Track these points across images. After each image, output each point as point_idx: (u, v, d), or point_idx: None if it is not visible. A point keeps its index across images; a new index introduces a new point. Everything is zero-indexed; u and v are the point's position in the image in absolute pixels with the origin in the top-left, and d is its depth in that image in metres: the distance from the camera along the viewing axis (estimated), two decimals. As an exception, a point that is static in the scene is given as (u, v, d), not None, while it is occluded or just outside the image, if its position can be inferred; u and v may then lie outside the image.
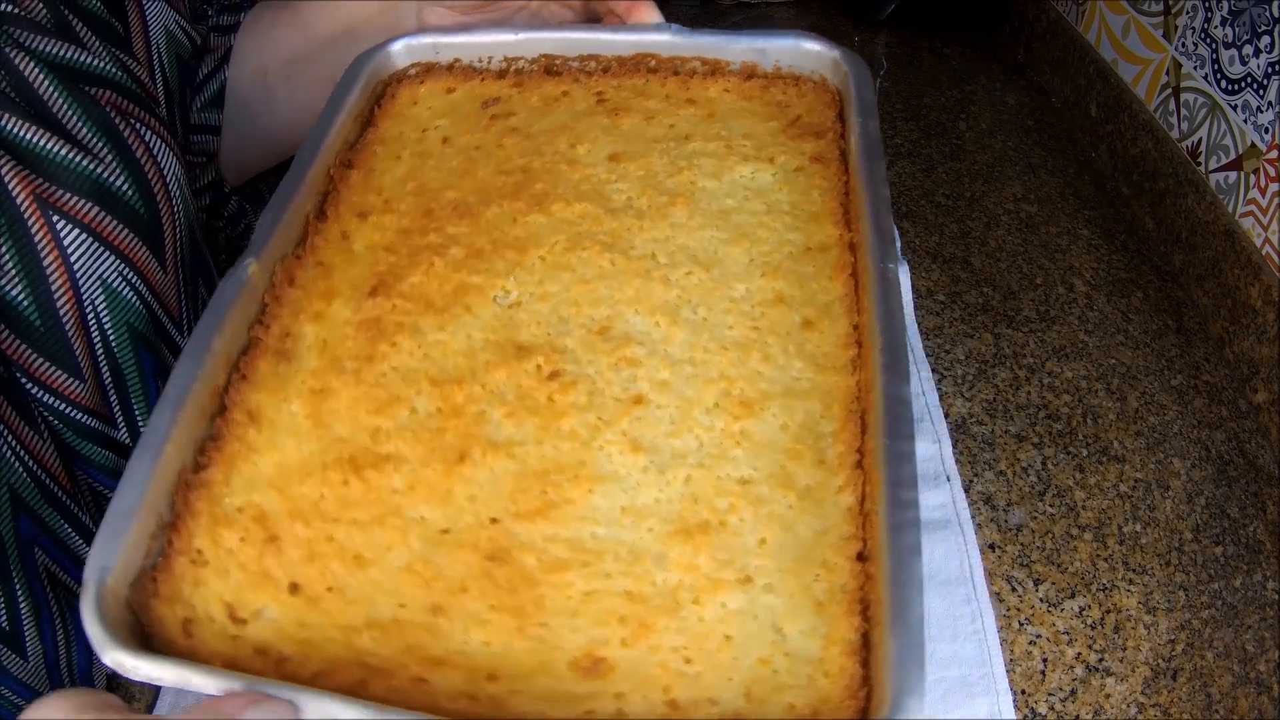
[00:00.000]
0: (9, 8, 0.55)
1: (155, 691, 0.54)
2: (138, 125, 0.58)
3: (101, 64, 0.58)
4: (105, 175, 0.54)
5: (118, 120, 0.57)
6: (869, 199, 0.45)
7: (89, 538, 0.57)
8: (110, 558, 0.36)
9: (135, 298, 0.56)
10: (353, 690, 0.32)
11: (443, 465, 0.40)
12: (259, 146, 0.77)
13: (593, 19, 0.66)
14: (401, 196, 0.51)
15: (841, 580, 0.34)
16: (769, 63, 0.57)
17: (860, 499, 0.36)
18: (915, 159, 1.03)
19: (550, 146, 0.53)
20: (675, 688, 0.33)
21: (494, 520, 0.38)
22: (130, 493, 0.37)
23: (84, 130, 0.54)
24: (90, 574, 0.36)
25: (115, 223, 0.55)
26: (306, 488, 0.40)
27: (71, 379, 0.54)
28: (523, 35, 0.58)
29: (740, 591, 0.35)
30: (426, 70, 0.59)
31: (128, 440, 0.58)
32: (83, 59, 0.57)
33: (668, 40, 0.57)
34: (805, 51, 0.56)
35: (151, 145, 0.59)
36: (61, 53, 0.56)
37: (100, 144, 0.55)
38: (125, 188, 0.55)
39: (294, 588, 0.37)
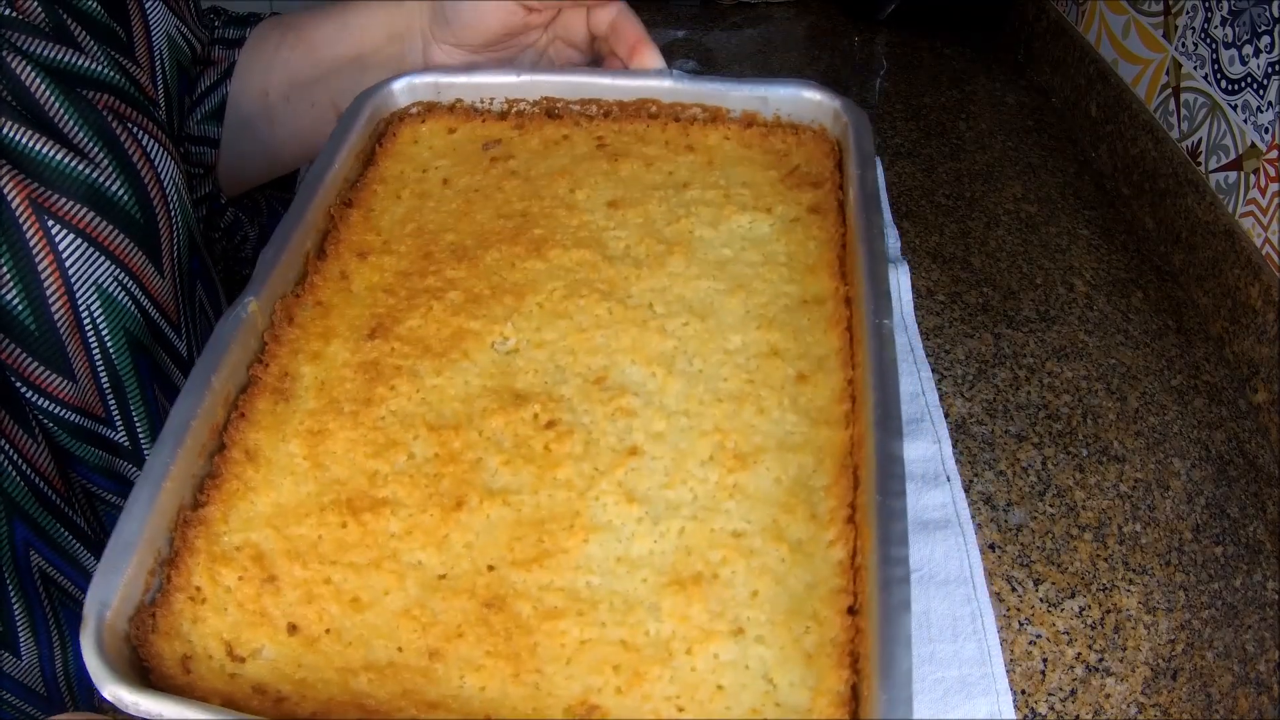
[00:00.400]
0: (6, 11, 0.53)
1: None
2: (135, 130, 0.56)
3: (99, 67, 0.56)
4: (101, 180, 0.53)
5: (115, 124, 0.55)
6: (865, 252, 0.45)
7: (85, 540, 0.55)
8: (109, 592, 0.36)
9: (131, 303, 0.54)
10: None
11: (440, 511, 0.40)
12: (257, 161, 0.75)
13: (597, 62, 0.64)
14: (401, 237, 0.51)
15: (831, 633, 0.35)
16: (769, 111, 0.56)
17: (851, 553, 0.37)
18: (915, 159, 1.00)
19: (549, 191, 0.53)
20: None
21: (490, 567, 0.38)
22: (129, 528, 0.38)
23: (80, 135, 0.53)
24: (90, 608, 0.36)
25: (111, 228, 0.53)
26: (304, 528, 0.40)
27: (65, 382, 0.52)
28: (524, 77, 0.57)
29: (732, 642, 0.35)
30: (428, 109, 0.58)
31: (125, 442, 0.56)
32: (80, 63, 0.55)
33: (669, 86, 0.56)
34: (805, 100, 0.55)
35: (149, 150, 0.57)
36: (58, 56, 0.54)
37: (96, 149, 0.53)
38: (121, 193, 0.54)
39: (292, 628, 0.37)
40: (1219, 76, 0.83)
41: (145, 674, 0.36)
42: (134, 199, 0.54)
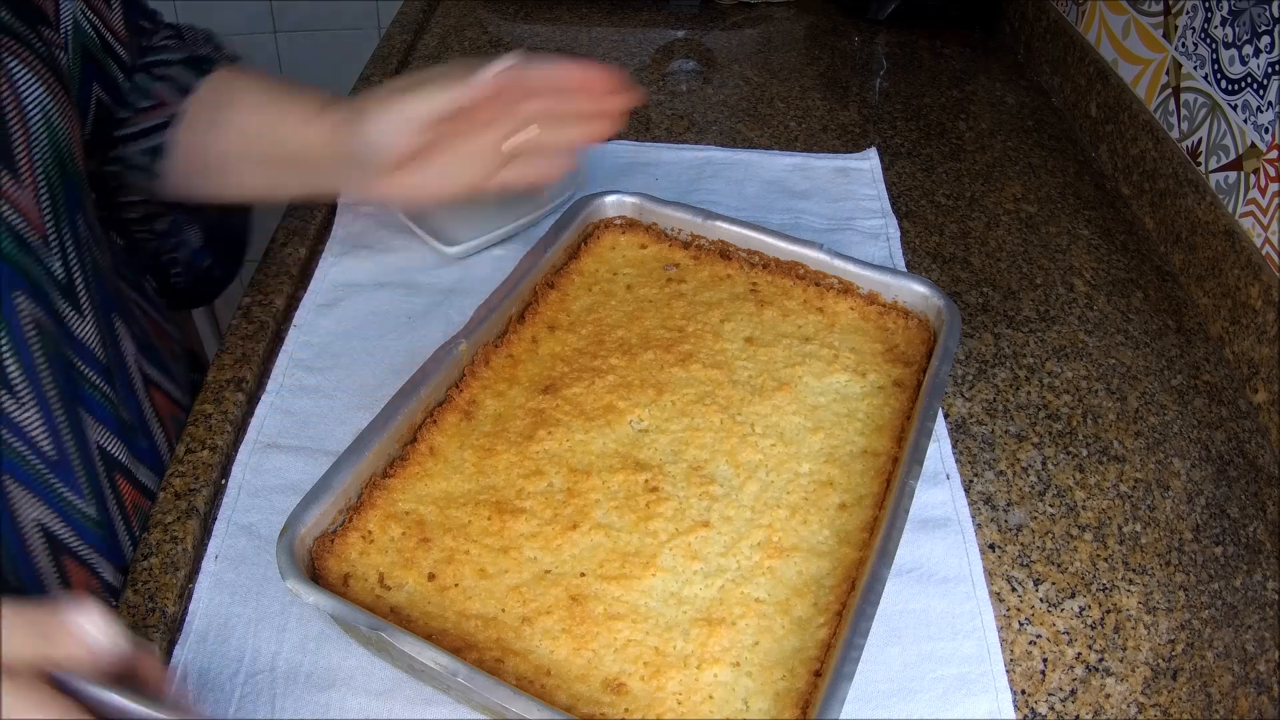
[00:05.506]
0: None
1: (169, 646, 0.42)
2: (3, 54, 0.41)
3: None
4: None
5: None
6: (917, 428, 0.44)
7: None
8: (307, 517, 0.41)
9: None
10: (451, 653, 0.37)
11: (559, 527, 0.43)
12: (203, 192, 0.59)
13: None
14: (584, 323, 0.55)
15: (798, 685, 0.37)
16: (890, 295, 0.54)
17: (831, 635, 0.37)
18: (915, 159, 0.73)
19: (705, 317, 0.54)
20: (666, 717, 0.37)
21: (582, 574, 0.41)
22: (335, 477, 0.42)
23: None
24: (289, 524, 0.39)
25: None
26: (460, 513, 0.44)
27: None
28: (708, 221, 0.58)
29: (730, 670, 0.36)
30: (630, 224, 0.60)
31: None
32: None
33: (817, 256, 0.55)
34: (918, 294, 0.53)
35: (13, 72, 0.44)
36: None
37: None
38: None
39: (431, 576, 0.41)
40: (1219, 76, 0.62)
41: (315, 580, 0.39)
42: None
